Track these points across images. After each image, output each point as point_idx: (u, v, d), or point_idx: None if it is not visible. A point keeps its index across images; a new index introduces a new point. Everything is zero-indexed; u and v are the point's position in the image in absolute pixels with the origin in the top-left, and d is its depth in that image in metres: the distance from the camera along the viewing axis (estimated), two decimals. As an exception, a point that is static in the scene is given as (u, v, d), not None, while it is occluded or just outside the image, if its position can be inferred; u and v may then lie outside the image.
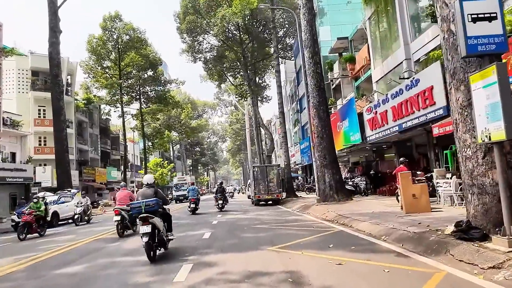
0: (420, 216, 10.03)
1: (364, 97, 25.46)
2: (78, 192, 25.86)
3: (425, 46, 18.46)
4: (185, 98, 69.24)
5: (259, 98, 50.49)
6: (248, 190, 36.09)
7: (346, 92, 29.82)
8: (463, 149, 6.25)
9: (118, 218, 11.82)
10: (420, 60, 18.99)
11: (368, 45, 24.19)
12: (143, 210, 7.21)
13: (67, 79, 39.61)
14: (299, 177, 46.50)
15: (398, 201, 13.64)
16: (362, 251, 6.71)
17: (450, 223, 6.84)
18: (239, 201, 33.64)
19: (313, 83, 17.37)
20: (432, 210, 10.95)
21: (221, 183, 22.61)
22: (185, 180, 45.89)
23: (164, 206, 7.96)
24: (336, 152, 29.50)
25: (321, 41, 34.56)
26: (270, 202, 24.20)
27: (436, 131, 14.14)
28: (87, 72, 38.43)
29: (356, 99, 24.72)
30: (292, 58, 48.48)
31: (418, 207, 10.83)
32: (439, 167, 18.30)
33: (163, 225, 7.53)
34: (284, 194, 25.22)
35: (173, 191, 45.15)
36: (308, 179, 45.05)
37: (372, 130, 22.03)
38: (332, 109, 31.35)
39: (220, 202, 19.78)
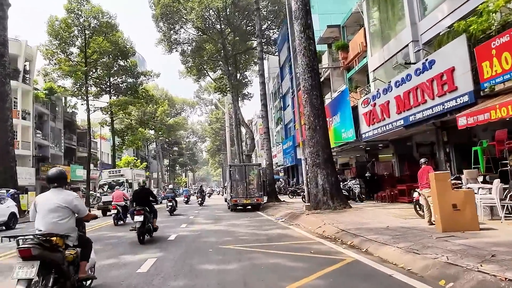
0: (473, 238, 6.60)
1: (358, 89, 22.19)
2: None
3: (438, 24, 15.27)
4: (163, 95, 64.85)
5: (240, 96, 47.03)
6: (225, 193, 32.27)
7: (336, 86, 26.53)
8: None
9: (115, 211, 15.28)
10: (431, 42, 15.78)
11: (364, 29, 20.94)
12: None
13: (25, 65, 34.99)
14: (281, 179, 43.09)
15: (418, 211, 10.23)
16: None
17: None
18: (214, 204, 29.75)
19: (305, 62, 13.88)
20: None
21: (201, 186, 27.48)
22: (122, 175, 26.27)
23: None
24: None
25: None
26: (249, 207, 20.57)
27: (462, 122, 10.77)
28: (48, 58, 33.86)
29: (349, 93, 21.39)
30: (276, 53, 45.16)
31: (460, 223, 7.42)
32: (450, 169, 15.12)
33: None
34: (265, 198, 21.60)
35: (98, 195, 27.03)
36: (291, 182, 41.70)
37: (369, 126, 18.73)
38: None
39: (200, 199, 25.60)
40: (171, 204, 19.81)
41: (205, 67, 43.43)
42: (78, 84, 36.41)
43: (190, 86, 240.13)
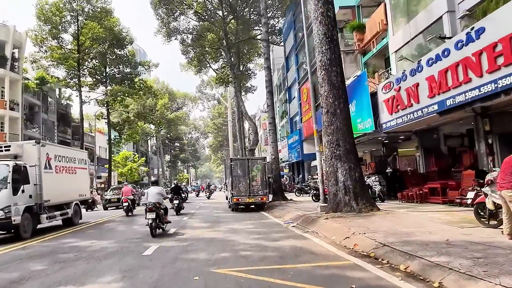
0: None
1: (376, 74, 19.49)
2: None
3: (481, -11, 12.56)
4: (163, 88, 62.22)
5: (243, 89, 44.41)
6: (225, 190, 29.69)
7: (349, 72, 23.73)
8: None
9: (126, 204, 17.74)
10: (473, 11, 13.07)
11: (385, 4, 18.20)
12: None
13: (13, 53, 32.42)
14: (285, 176, 40.45)
15: (481, 218, 7.57)
16: None
17: None
18: (214, 202, 27.22)
19: (322, 31, 11.21)
20: None
21: (176, 183, 23.43)
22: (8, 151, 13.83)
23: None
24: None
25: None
26: (252, 206, 17.98)
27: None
28: (38, 44, 31.30)
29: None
30: (281, 44, 42.42)
31: None
32: (493, 164, 12.43)
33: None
34: (270, 197, 18.96)
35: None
36: (296, 178, 39.08)
37: (392, 114, 16.10)
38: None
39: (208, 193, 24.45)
40: (177, 202, 16.79)
41: (206, 57, 40.86)
42: (71, 73, 33.81)
43: (192, 81, 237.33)
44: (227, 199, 25.74)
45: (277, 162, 20.82)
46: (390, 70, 18.15)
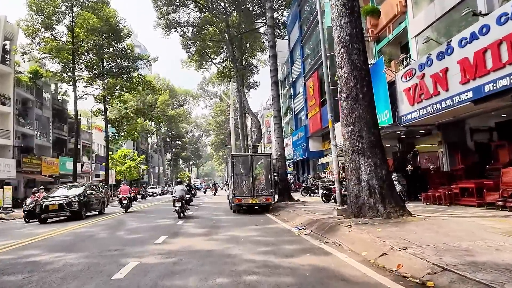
0: None
1: (392, 62, 17.59)
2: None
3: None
4: (164, 85, 60.42)
5: (246, 85, 42.57)
6: (227, 189, 27.85)
7: (359, 63, 21.86)
8: None
9: (126, 202, 19.02)
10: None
11: (404, -17, 16.30)
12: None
13: (4, 45, 30.70)
14: (289, 175, 38.54)
15: None
16: None
17: None
18: (214, 202, 25.39)
19: (341, 2, 9.33)
20: None
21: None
22: None
23: None
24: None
25: (325, 2, 26.65)
26: (257, 207, 16.14)
27: None
28: (30, 35, 29.53)
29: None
30: (285, 38, 40.51)
31: None
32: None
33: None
34: (275, 197, 17.08)
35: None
36: (301, 177, 37.22)
37: (413, 105, 14.26)
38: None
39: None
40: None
41: (207, 52, 39.06)
42: (66, 67, 32.05)
43: (193, 79, 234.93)
44: (228, 199, 23.98)
45: (283, 159, 18.95)
46: (410, 56, 16.25)
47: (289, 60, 39.39)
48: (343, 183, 18.34)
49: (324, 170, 25.43)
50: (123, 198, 18.99)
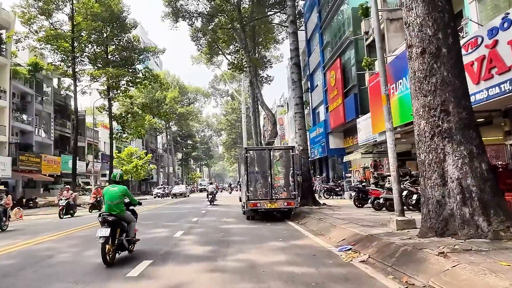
0: None
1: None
2: None
3: None
4: (174, 81, 57.74)
5: (259, 79, 39.53)
6: (239, 190, 24.75)
7: (393, 45, 18.58)
8: None
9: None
10: None
11: None
12: None
13: (0, 34, 28.19)
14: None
15: None
16: None
17: None
18: (225, 205, 22.26)
19: None
20: None
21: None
22: None
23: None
24: (374, 137, 18.39)
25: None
26: (275, 212, 13.01)
27: None
28: (26, 23, 26.99)
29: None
30: (301, 28, 37.25)
31: None
32: None
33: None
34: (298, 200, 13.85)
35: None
36: (318, 177, 33.85)
37: (479, 83, 10.98)
38: (367, 75, 20.24)
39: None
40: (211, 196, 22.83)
41: (218, 43, 36.19)
42: (65, 57, 29.48)
43: (204, 77, 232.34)
44: (240, 200, 20.91)
45: (306, 155, 15.74)
46: (466, 25, 12.90)
47: (306, 51, 36.13)
48: (378, 183, 15.11)
49: (350, 169, 22.15)
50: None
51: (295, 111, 16.19)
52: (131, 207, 6.92)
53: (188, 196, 41.51)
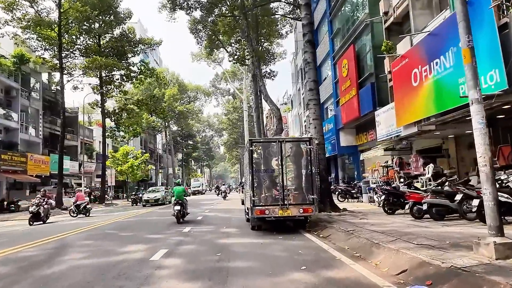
0: None
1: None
2: None
3: None
4: (173, 79, 55.08)
5: (262, 74, 36.90)
6: (241, 192, 21.96)
7: (420, 23, 15.80)
8: None
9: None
10: None
11: None
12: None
13: (-21, 21, 25.56)
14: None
15: None
16: None
17: None
18: (224, 209, 19.37)
19: None
20: None
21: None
22: None
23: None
24: (398, 129, 15.65)
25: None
26: (289, 221, 10.27)
27: None
28: (7, 8, 24.29)
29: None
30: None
31: None
32: None
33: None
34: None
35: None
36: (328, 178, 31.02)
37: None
38: (387, 60, 17.50)
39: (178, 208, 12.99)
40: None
41: (219, 36, 33.66)
42: (50, 44, 26.91)
43: (205, 76, 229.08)
44: (243, 204, 18.15)
45: (322, 150, 13.02)
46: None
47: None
48: (412, 184, 12.38)
49: (368, 168, 19.39)
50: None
51: (309, 98, 13.44)
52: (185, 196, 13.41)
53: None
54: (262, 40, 36.91)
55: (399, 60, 15.36)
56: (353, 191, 18.37)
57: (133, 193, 34.20)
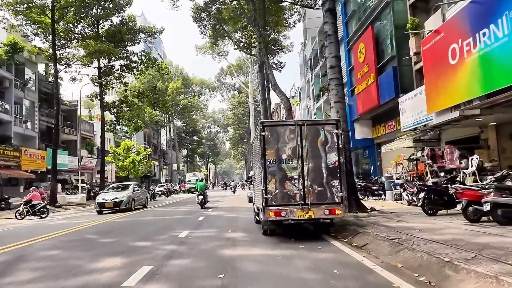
0: None
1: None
2: None
3: None
4: (177, 72, 53.11)
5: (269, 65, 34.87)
6: (249, 188, 19.92)
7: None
8: None
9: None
10: None
11: None
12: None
13: (-33, 5, 23.71)
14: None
15: None
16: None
17: None
18: (231, 209, 17.26)
19: None
20: None
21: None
22: None
23: None
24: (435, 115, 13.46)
25: None
26: (308, 225, 8.22)
27: None
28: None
29: None
30: (317, 6, 32.37)
31: None
32: None
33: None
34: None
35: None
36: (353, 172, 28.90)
37: None
38: (412, 40, 15.34)
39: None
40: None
41: (223, 26, 31.77)
42: (42, 30, 25.09)
43: (210, 71, 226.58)
44: (250, 201, 16.06)
45: (346, 138, 10.98)
46: None
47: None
48: (455, 179, 10.26)
49: (391, 162, 17.26)
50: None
51: (330, 77, 11.31)
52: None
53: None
54: (269, 30, 34.94)
55: (431, 36, 13.19)
56: (374, 188, 16.25)
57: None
